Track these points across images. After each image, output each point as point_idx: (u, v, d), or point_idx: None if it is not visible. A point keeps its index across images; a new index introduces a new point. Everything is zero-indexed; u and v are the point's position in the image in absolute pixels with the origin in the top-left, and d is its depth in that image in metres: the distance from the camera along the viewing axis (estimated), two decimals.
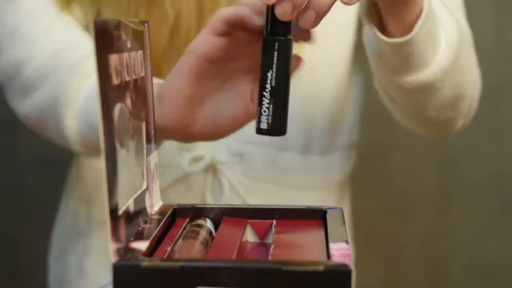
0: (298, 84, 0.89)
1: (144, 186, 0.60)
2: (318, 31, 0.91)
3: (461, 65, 0.82)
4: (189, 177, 0.94)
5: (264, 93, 0.65)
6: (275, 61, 0.64)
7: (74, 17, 0.91)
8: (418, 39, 0.75)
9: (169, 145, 0.89)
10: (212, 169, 0.94)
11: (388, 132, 1.46)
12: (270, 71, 0.64)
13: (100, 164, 0.92)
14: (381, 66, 0.81)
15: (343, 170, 1.01)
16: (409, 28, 0.74)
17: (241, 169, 0.94)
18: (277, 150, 0.95)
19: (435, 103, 0.84)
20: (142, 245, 0.53)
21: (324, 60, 0.94)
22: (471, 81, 0.88)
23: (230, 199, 0.94)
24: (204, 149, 0.93)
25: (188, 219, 0.63)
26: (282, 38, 0.64)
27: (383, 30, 0.76)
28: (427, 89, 0.81)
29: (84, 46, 0.87)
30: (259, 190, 0.94)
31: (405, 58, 0.77)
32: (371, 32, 0.77)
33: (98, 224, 0.98)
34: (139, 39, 0.60)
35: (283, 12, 0.61)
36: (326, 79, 0.95)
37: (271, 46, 0.64)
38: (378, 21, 0.76)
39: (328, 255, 0.53)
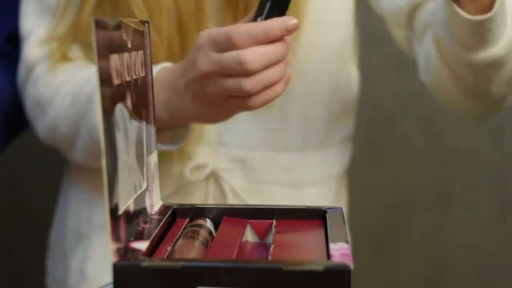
0: (294, 84, 0.89)
1: (144, 186, 0.60)
2: (309, 30, 0.92)
3: None
4: (191, 185, 0.93)
5: None
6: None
7: (74, 57, 0.93)
8: (497, 16, 0.78)
9: (170, 154, 0.90)
10: (213, 176, 0.94)
11: (388, 132, 1.46)
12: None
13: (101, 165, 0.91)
14: (453, 45, 0.83)
15: (341, 163, 1.02)
16: (481, 7, 0.77)
17: (242, 174, 0.94)
18: (276, 152, 0.95)
19: (498, 78, 0.86)
20: (142, 245, 0.53)
21: (318, 57, 0.94)
22: None
23: None
24: (205, 157, 0.93)
25: (188, 219, 0.63)
26: None
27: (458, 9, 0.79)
28: (495, 64, 0.83)
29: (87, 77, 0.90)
30: (261, 192, 0.95)
31: (482, 35, 0.80)
32: (440, 14, 0.81)
33: (99, 227, 0.96)
34: (139, 39, 0.60)
35: None
36: (321, 77, 0.95)
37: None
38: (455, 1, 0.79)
39: (328, 255, 0.53)
